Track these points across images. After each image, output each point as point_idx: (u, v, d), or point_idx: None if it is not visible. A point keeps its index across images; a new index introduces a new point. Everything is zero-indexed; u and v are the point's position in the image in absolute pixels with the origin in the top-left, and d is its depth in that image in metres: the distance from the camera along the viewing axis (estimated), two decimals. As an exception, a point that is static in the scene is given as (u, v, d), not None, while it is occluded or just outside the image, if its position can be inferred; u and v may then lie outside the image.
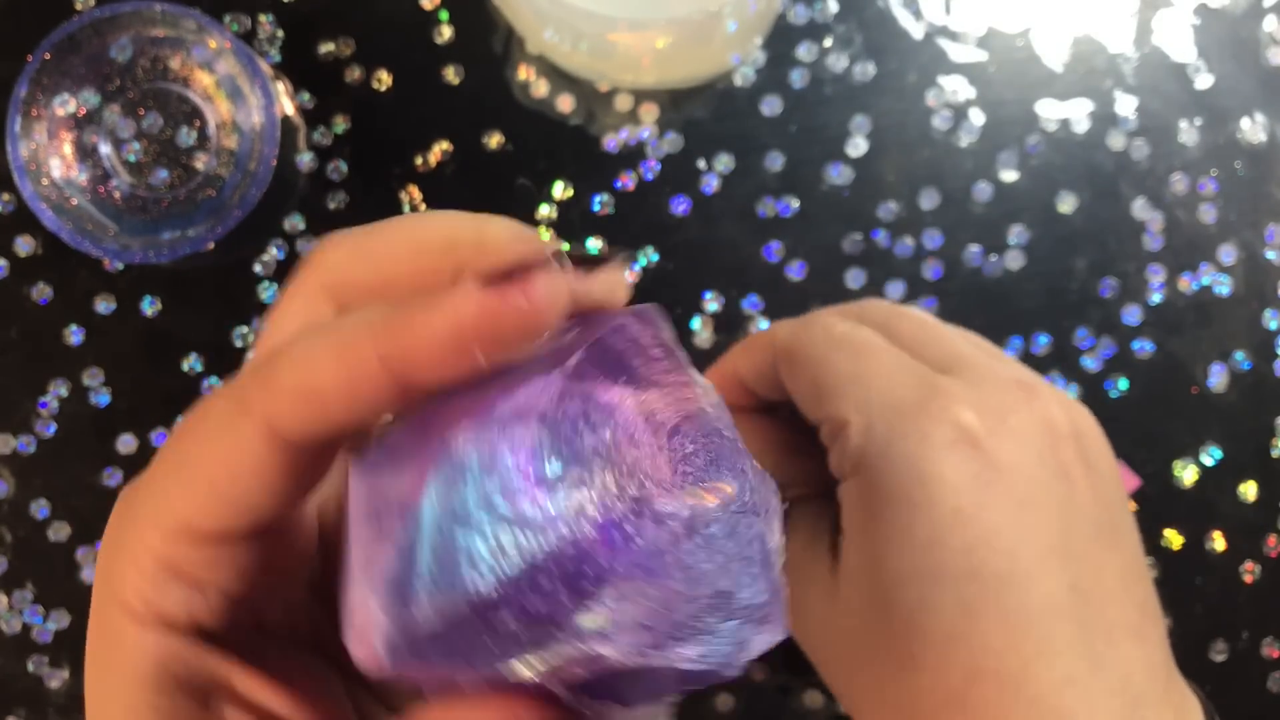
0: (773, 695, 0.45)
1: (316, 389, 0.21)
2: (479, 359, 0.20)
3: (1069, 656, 0.29)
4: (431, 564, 0.18)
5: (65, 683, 0.45)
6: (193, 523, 0.23)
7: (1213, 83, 0.46)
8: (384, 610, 0.19)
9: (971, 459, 0.30)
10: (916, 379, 0.32)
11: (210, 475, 0.23)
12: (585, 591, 0.18)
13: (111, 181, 0.45)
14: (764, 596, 0.20)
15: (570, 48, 0.43)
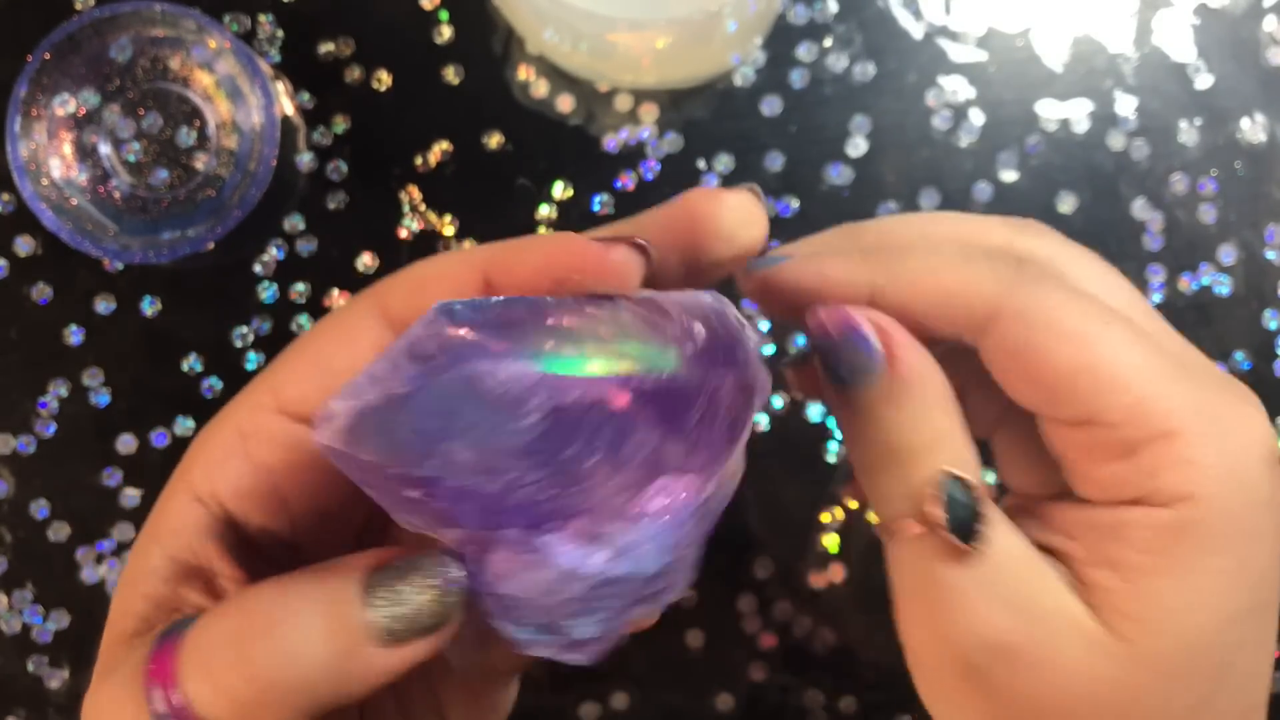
0: (773, 695, 0.45)
1: (427, 281, 0.25)
2: (553, 289, 0.24)
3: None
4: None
5: (65, 683, 0.45)
6: (291, 406, 0.26)
7: (1213, 83, 0.46)
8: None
9: (1277, 509, 0.26)
10: (1219, 381, 0.27)
11: (320, 354, 0.26)
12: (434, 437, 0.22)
13: (111, 181, 0.45)
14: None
15: (570, 48, 0.43)
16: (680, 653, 0.45)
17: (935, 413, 0.26)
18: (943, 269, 0.26)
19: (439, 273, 0.26)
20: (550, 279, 0.24)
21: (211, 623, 0.23)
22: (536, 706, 0.45)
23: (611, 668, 0.45)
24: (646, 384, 0.22)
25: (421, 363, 0.22)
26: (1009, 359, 0.26)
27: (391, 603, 0.23)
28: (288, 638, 0.22)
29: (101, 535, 0.45)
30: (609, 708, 0.45)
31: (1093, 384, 0.25)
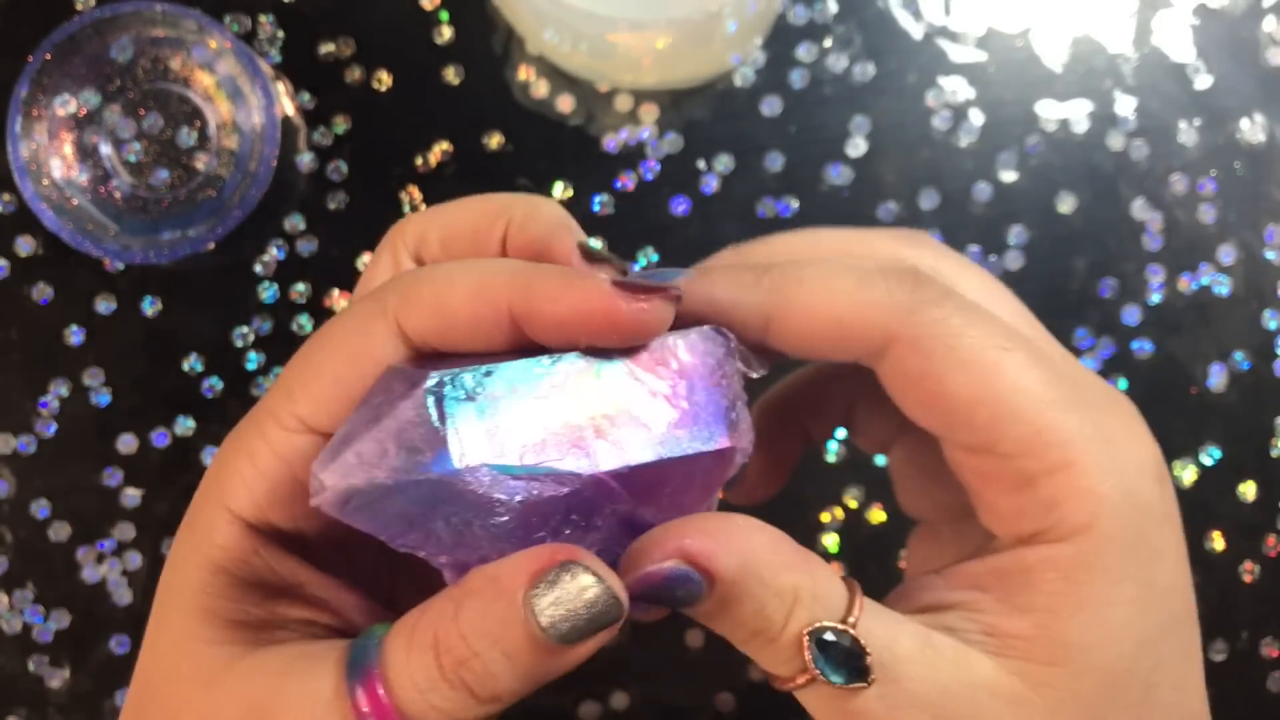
0: (773, 695, 0.45)
1: (449, 308, 0.25)
2: (576, 340, 0.24)
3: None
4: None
5: (66, 682, 0.45)
6: (311, 420, 0.25)
7: (1212, 83, 0.46)
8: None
9: (1174, 522, 0.27)
10: (1107, 398, 0.27)
11: (336, 370, 0.25)
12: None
13: (112, 182, 0.45)
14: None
15: (570, 48, 0.43)
16: (680, 652, 0.45)
17: (776, 582, 0.25)
18: (838, 294, 0.26)
19: (464, 303, 0.25)
20: (575, 331, 0.24)
21: (412, 658, 0.24)
22: (536, 706, 0.45)
23: (611, 667, 0.45)
24: (622, 474, 0.24)
25: (408, 454, 0.23)
26: (905, 385, 0.26)
27: (559, 615, 0.23)
28: (486, 668, 0.24)
29: (102, 535, 0.45)
30: (609, 707, 0.45)
31: (990, 414, 0.25)
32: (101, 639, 0.45)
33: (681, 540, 0.24)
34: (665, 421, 0.24)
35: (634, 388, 0.25)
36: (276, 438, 0.26)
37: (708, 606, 0.25)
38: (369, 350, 0.25)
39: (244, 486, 0.26)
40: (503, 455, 0.23)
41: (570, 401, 0.24)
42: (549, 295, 0.24)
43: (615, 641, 0.45)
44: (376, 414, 0.23)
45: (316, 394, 0.25)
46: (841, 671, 0.25)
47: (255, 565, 0.26)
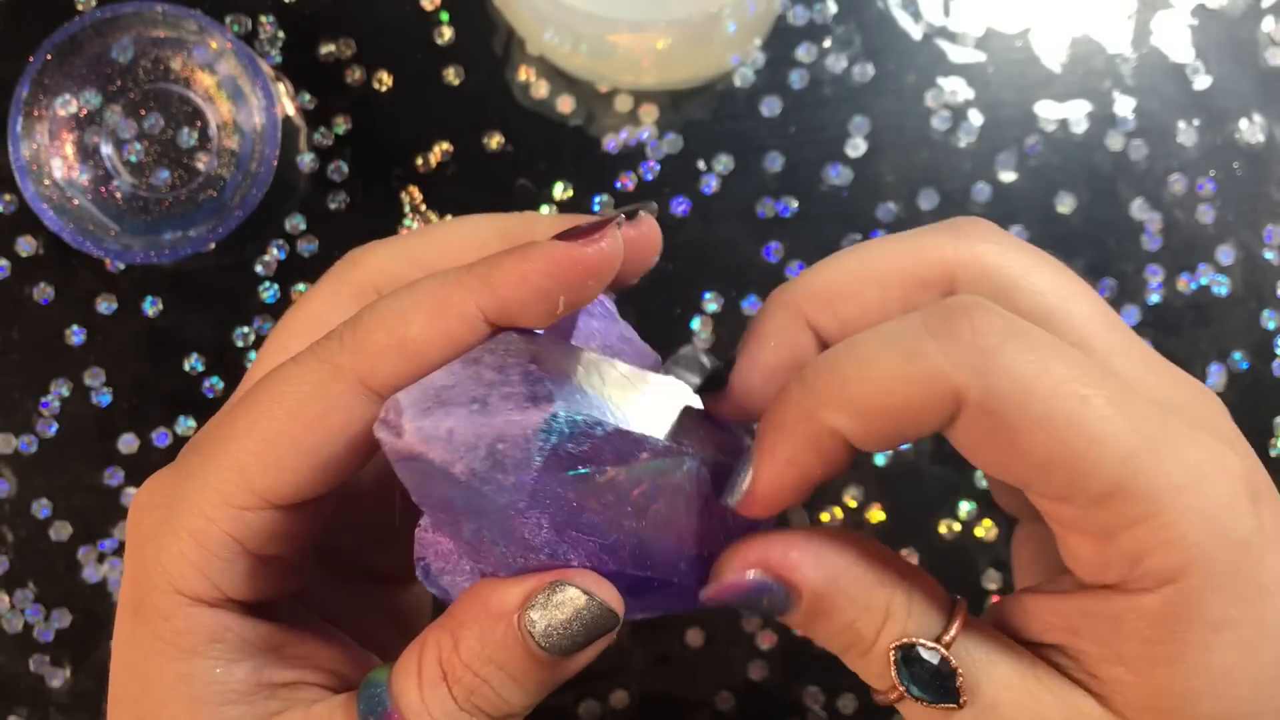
0: (772, 694, 0.45)
1: (411, 340, 0.24)
2: (559, 306, 0.24)
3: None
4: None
5: (67, 682, 0.45)
6: (272, 494, 0.24)
7: (1211, 83, 0.46)
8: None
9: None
10: (1191, 414, 0.25)
11: (296, 439, 0.24)
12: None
13: (113, 182, 0.45)
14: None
15: (570, 49, 0.43)
16: (680, 651, 0.45)
17: (866, 597, 0.24)
18: (893, 381, 0.23)
19: (426, 334, 0.24)
20: (552, 297, 0.24)
21: (426, 694, 0.24)
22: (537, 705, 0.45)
23: (611, 666, 0.45)
24: (620, 574, 0.25)
25: (493, 466, 0.23)
26: (977, 447, 0.24)
27: (554, 631, 0.24)
28: (496, 692, 0.24)
29: (103, 535, 0.45)
30: (609, 706, 0.45)
31: (1067, 475, 0.23)
32: (102, 638, 0.45)
33: (766, 551, 0.24)
34: (698, 543, 0.25)
35: (695, 499, 0.25)
36: (225, 517, 0.24)
37: (798, 618, 0.25)
38: (332, 415, 0.24)
39: (194, 570, 0.25)
40: (563, 515, 0.23)
41: (645, 489, 0.24)
42: (511, 281, 0.24)
43: (615, 641, 0.45)
44: (485, 396, 0.23)
45: (276, 467, 0.24)
46: (930, 690, 0.24)
47: (228, 642, 0.25)
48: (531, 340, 0.24)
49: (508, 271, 0.24)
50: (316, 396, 0.24)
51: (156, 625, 0.25)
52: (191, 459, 0.25)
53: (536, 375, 0.23)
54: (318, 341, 0.25)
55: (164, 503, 0.25)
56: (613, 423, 0.24)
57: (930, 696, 0.24)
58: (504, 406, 0.23)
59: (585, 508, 0.23)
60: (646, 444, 0.24)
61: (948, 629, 0.24)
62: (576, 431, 0.23)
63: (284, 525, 0.25)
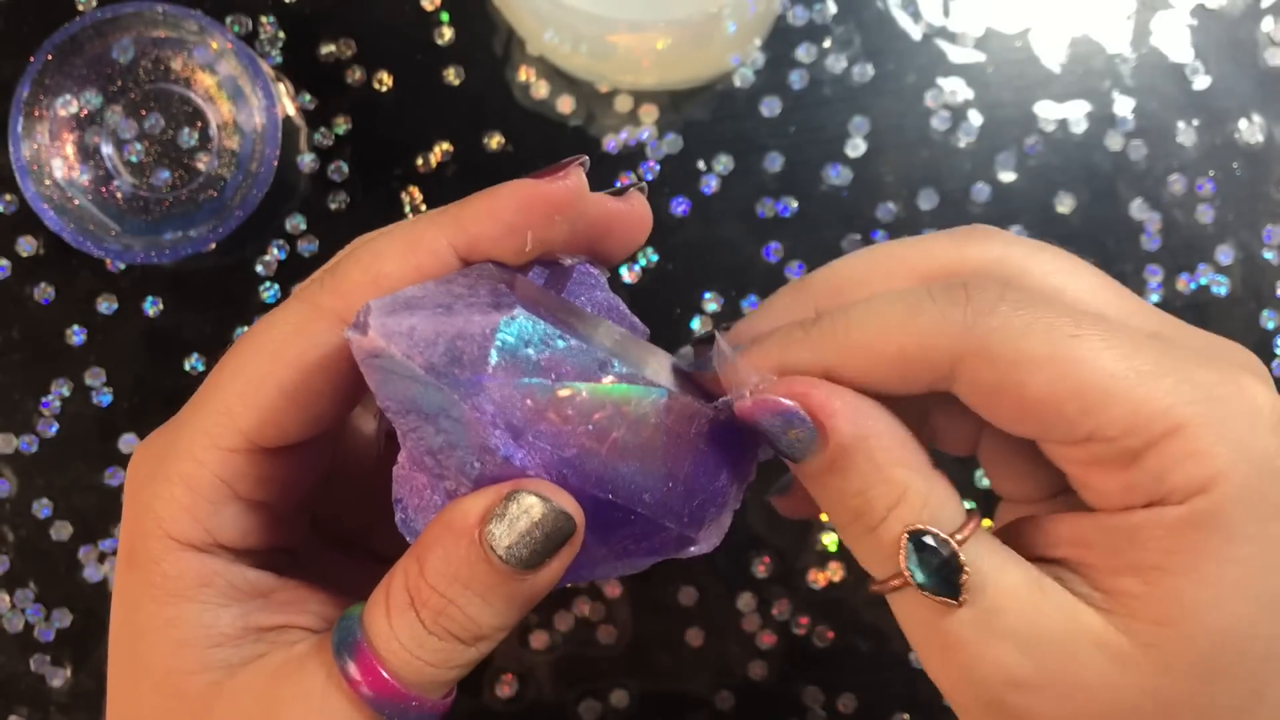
0: (772, 693, 0.45)
1: (385, 276, 0.25)
2: (527, 241, 0.25)
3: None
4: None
5: (67, 681, 0.45)
6: (257, 435, 0.25)
7: (1210, 83, 0.46)
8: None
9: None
10: (1209, 353, 0.25)
11: (281, 380, 0.25)
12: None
13: (113, 182, 0.45)
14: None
15: (570, 49, 0.43)
16: (680, 650, 0.45)
17: (889, 470, 0.25)
18: (890, 329, 0.25)
19: (399, 269, 0.25)
20: (520, 229, 0.25)
21: (394, 621, 0.24)
22: (537, 704, 0.45)
23: (612, 667, 0.45)
24: (598, 499, 0.25)
25: (450, 360, 0.23)
26: (987, 400, 0.25)
27: (515, 542, 0.24)
28: (464, 611, 0.24)
29: (104, 534, 0.45)
30: (609, 705, 0.45)
31: (1080, 407, 0.24)
32: (103, 638, 0.45)
33: (809, 388, 0.25)
34: (665, 477, 0.25)
35: (662, 432, 0.25)
36: (215, 459, 0.25)
37: (814, 466, 0.25)
38: (311, 353, 0.25)
39: (184, 513, 0.25)
40: (518, 418, 0.23)
41: (608, 414, 0.24)
42: (483, 215, 0.25)
43: (615, 641, 0.45)
44: (450, 304, 0.24)
45: (260, 406, 0.25)
46: (933, 580, 0.24)
47: (216, 586, 0.26)
48: (508, 271, 0.25)
49: (477, 208, 0.25)
50: (297, 335, 0.25)
51: (148, 570, 0.25)
52: (184, 411, 0.26)
53: (504, 291, 0.24)
54: (301, 286, 0.26)
55: (158, 452, 0.26)
56: (576, 340, 0.24)
57: (933, 587, 0.24)
58: (467, 311, 0.24)
59: (542, 416, 0.24)
60: (610, 368, 0.24)
61: (961, 528, 0.25)
62: (535, 337, 0.24)
63: (271, 470, 0.26)
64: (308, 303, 0.25)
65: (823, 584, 0.45)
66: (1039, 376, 0.24)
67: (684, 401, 0.25)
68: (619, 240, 0.28)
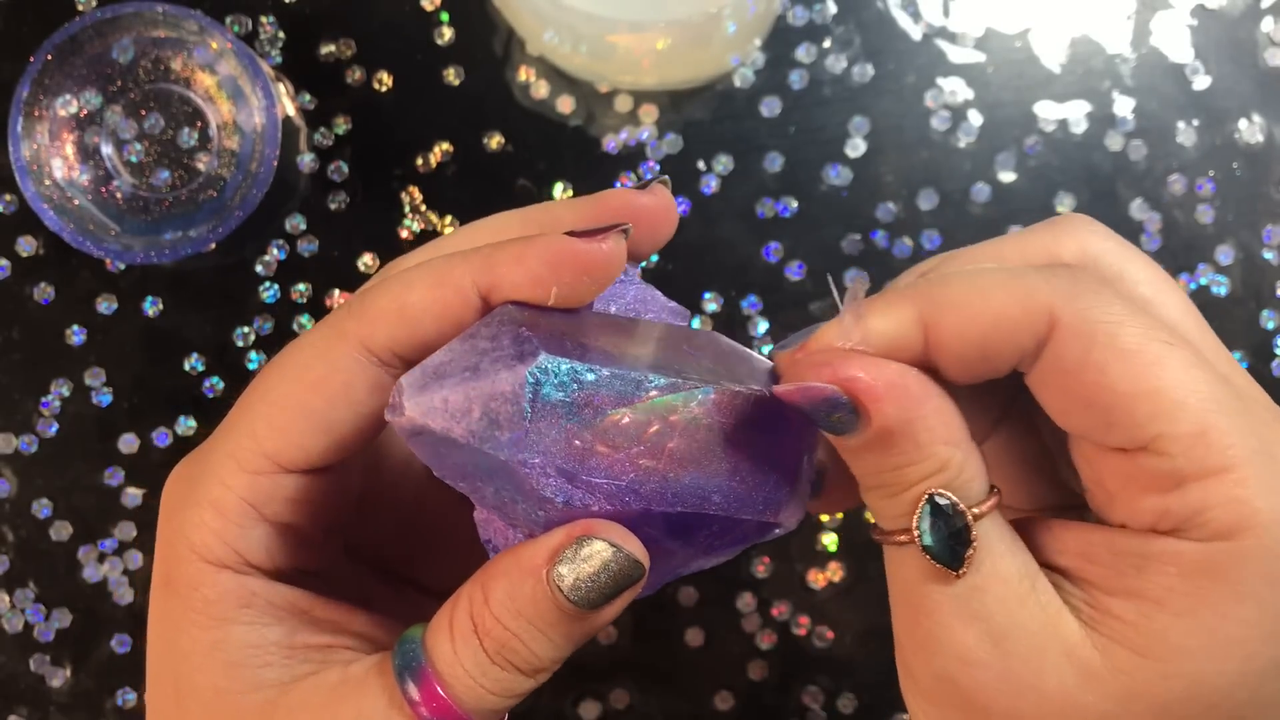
0: (772, 694, 0.45)
1: (410, 306, 0.25)
2: (550, 295, 0.25)
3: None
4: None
5: (67, 681, 0.45)
6: (282, 457, 0.25)
7: (1210, 84, 0.46)
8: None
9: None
10: (1271, 411, 0.25)
11: (303, 403, 0.25)
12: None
13: (113, 182, 0.45)
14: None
15: (570, 49, 0.43)
16: (680, 651, 0.45)
17: (930, 449, 0.25)
18: (991, 288, 0.24)
19: (427, 299, 0.25)
20: (546, 282, 0.25)
21: (459, 648, 0.25)
22: (537, 705, 0.45)
23: (611, 667, 0.45)
24: (671, 515, 0.25)
25: (489, 424, 0.23)
26: (1063, 378, 0.24)
27: (583, 584, 0.24)
28: (526, 645, 0.25)
29: (103, 534, 0.45)
30: (609, 706, 0.45)
31: (1153, 409, 0.23)
32: (103, 638, 0.45)
33: (854, 372, 0.24)
34: (730, 474, 0.25)
35: (717, 431, 0.25)
36: (241, 483, 0.25)
37: (856, 444, 0.25)
38: (334, 377, 0.25)
39: (216, 538, 0.25)
40: (568, 462, 0.24)
41: (658, 429, 0.25)
42: (511, 260, 0.25)
43: (615, 641, 0.45)
44: (477, 363, 0.24)
45: (284, 429, 0.25)
46: (939, 546, 0.24)
47: (257, 606, 0.26)
48: (529, 309, 0.25)
49: (508, 254, 0.25)
50: (320, 360, 0.25)
51: (187, 596, 0.26)
52: (215, 434, 0.27)
53: (525, 336, 0.24)
54: (333, 312, 0.26)
55: (188, 476, 0.26)
56: (606, 367, 0.24)
57: (936, 551, 0.24)
58: (493, 369, 0.24)
59: (591, 452, 0.24)
60: (649, 383, 0.24)
61: (980, 504, 0.25)
62: (564, 379, 0.24)
63: (298, 492, 0.26)
64: (334, 328, 0.25)
65: (823, 584, 0.45)
66: (1123, 367, 0.23)
67: (732, 392, 0.25)
68: (645, 235, 0.28)
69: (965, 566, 0.24)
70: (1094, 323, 0.24)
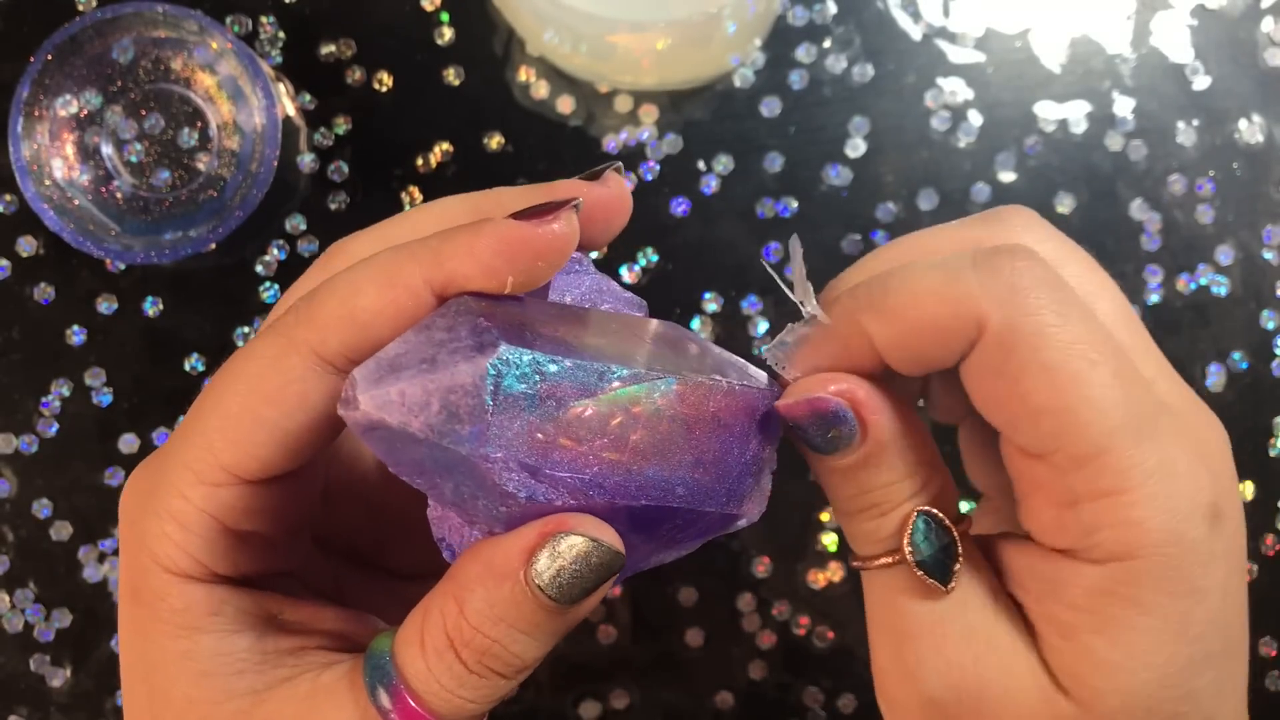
0: (772, 694, 0.45)
1: (361, 310, 0.24)
2: (506, 284, 0.24)
3: None
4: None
5: (67, 681, 0.45)
6: (239, 469, 0.25)
7: (1210, 84, 0.46)
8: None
9: (1226, 561, 0.26)
10: (1185, 424, 0.26)
11: (257, 413, 0.24)
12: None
13: (113, 182, 0.45)
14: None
15: (570, 49, 0.43)
16: (680, 651, 0.45)
17: (917, 467, 0.26)
18: (924, 294, 0.25)
19: (377, 302, 0.24)
20: (500, 272, 0.24)
21: (431, 663, 0.24)
22: (536, 705, 0.45)
23: (612, 667, 0.45)
24: (635, 509, 0.24)
25: (448, 418, 0.23)
26: (982, 376, 0.25)
27: (564, 580, 0.24)
28: (509, 649, 0.24)
29: (103, 535, 0.45)
30: (609, 706, 0.45)
31: (1057, 427, 0.24)
32: (103, 638, 0.45)
33: (851, 384, 0.25)
34: (693, 466, 0.25)
35: (680, 423, 0.25)
36: (200, 494, 0.25)
37: (849, 461, 0.25)
38: (289, 388, 0.24)
39: (179, 550, 0.25)
40: (530, 456, 0.23)
41: (620, 420, 0.24)
42: (460, 253, 0.24)
43: (615, 641, 0.45)
44: (434, 355, 0.23)
45: (239, 442, 0.24)
46: (931, 559, 0.25)
47: (225, 614, 0.25)
48: (485, 299, 0.24)
49: (457, 246, 0.24)
50: (273, 370, 0.24)
51: (154, 606, 0.25)
52: (170, 442, 0.26)
53: (484, 327, 0.23)
54: (278, 317, 0.25)
55: (146, 487, 0.26)
56: (568, 358, 0.23)
57: (931, 566, 0.25)
58: (451, 360, 0.23)
59: (555, 445, 0.23)
60: (612, 374, 0.24)
61: (960, 521, 0.26)
62: (526, 370, 0.23)
63: (259, 501, 0.25)
64: (283, 335, 0.24)
65: (823, 584, 0.45)
66: (1038, 380, 0.24)
67: (695, 383, 0.25)
68: (599, 226, 0.27)
69: (954, 581, 0.25)
70: (1018, 333, 0.24)
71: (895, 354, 0.25)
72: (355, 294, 0.24)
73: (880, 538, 0.26)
